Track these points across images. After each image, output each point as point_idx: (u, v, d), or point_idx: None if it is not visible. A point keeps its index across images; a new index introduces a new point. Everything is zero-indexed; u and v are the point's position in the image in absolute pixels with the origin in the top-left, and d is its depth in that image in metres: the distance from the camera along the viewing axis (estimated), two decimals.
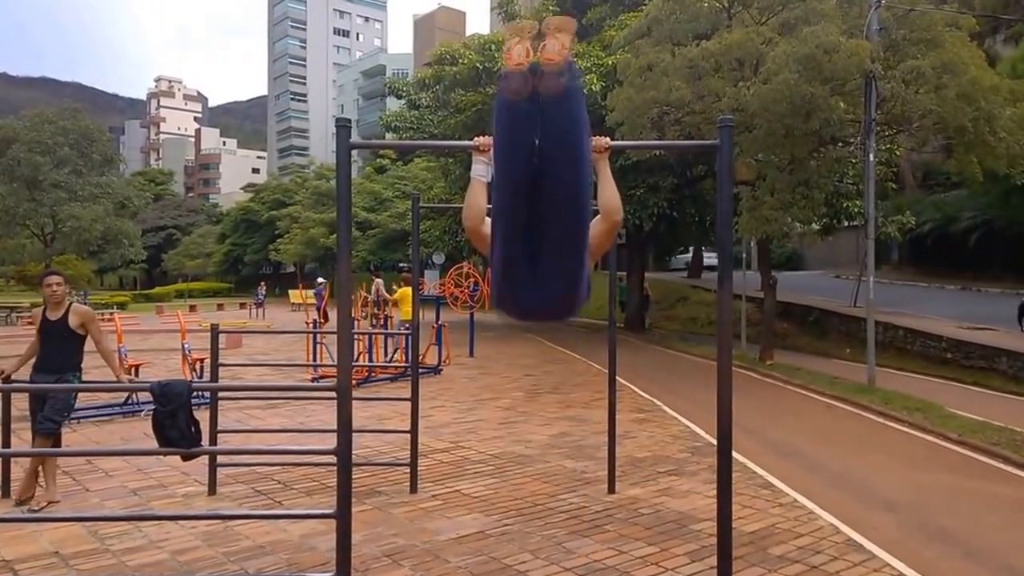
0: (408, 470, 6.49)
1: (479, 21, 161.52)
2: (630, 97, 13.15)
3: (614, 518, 5.78)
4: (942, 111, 11.24)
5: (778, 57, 11.29)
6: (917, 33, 11.92)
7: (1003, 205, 23.38)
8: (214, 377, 6.35)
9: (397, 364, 12.55)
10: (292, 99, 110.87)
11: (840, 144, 13.29)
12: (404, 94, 24.32)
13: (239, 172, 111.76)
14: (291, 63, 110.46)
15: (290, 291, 45.24)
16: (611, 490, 6.43)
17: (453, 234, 23.91)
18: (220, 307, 43.61)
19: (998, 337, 15.42)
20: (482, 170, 3.08)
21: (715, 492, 6.48)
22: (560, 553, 5.05)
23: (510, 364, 15.25)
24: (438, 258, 29.33)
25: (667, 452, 7.93)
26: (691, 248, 32.87)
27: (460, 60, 19.35)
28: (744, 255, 16.90)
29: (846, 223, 19.31)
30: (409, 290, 13.89)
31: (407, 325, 13.19)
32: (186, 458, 3.78)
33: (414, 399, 6.48)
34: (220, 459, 6.30)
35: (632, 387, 12.08)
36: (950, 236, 27.67)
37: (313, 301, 25.77)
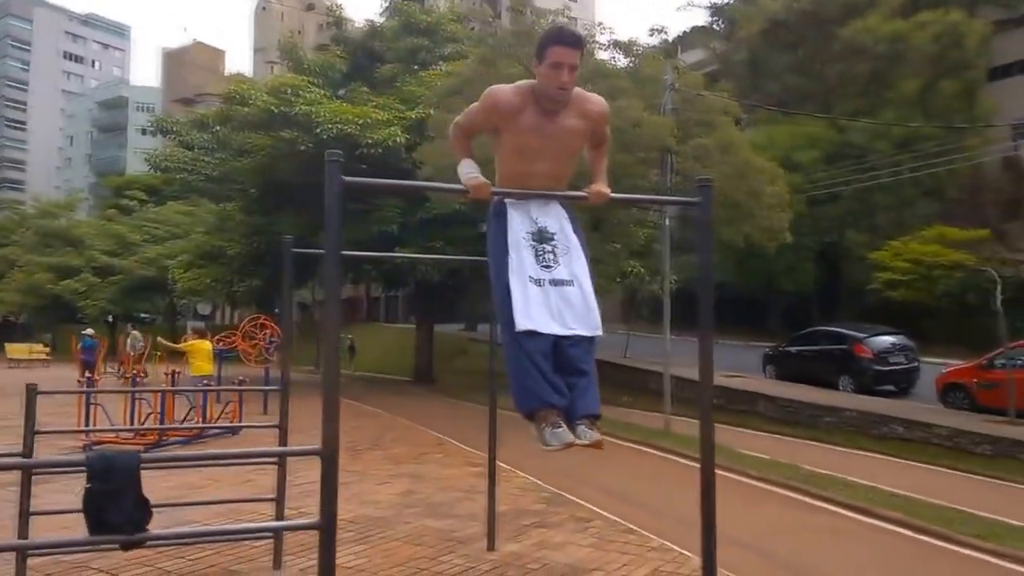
0: (262, 543, 5.93)
1: (239, 60, 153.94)
2: (447, 153, 13.32)
3: None
4: (723, 186, 12.72)
5: None
6: (700, 115, 13.48)
7: (738, 270, 26.78)
8: (28, 448, 5.31)
9: (192, 426, 11.33)
10: (7, 126, 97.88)
11: (636, 208, 14.52)
12: (175, 133, 22.54)
13: None
14: (9, 86, 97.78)
15: (7, 344, 39.07)
16: (491, 548, 6.29)
17: (227, 283, 22.34)
18: None
19: (751, 383, 17.48)
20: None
21: (587, 543, 6.68)
22: None
23: (312, 421, 14.34)
24: (203, 308, 27.24)
25: (523, 505, 7.94)
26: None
27: (252, 101, 18.39)
28: None
29: (617, 279, 20.90)
30: (201, 343, 12.77)
31: (205, 381, 12.05)
32: (128, 547, 3.09)
33: (281, 461, 5.92)
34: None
35: (453, 441, 11.99)
36: (692, 294, 31.18)
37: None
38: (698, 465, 10.91)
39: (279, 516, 5.70)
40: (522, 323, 2.95)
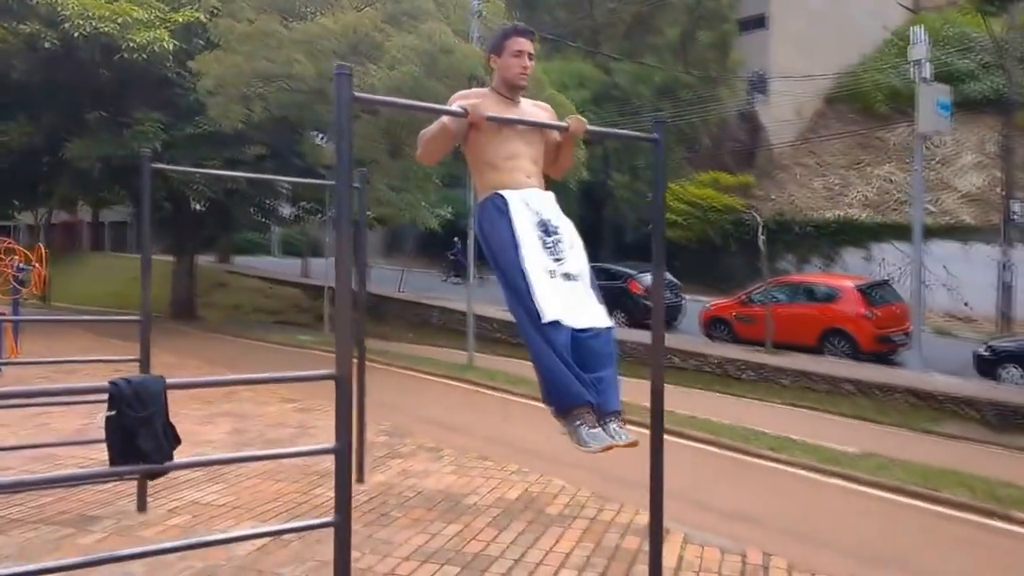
0: (124, 484, 5.33)
1: None
2: (237, 64, 12.16)
3: (391, 505, 5.63)
4: None
5: (402, 48, 11.73)
6: None
7: None
8: None
9: None
10: None
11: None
12: None
13: None
14: None
15: None
16: (360, 479, 6.15)
17: None
18: None
19: None
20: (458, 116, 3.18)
21: (449, 470, 6.74)
22: (381, 545, 4.82)
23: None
24: None
25: (366, 438, 7.76)
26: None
27: None
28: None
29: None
30: None
31: None
32: (153, 476, 2.81)
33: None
34: None
35: None
36: (457, 229, 31.70)
37: None
38: (509, 397, 11.28)
39: None
40: (548, 314, 2.93)
